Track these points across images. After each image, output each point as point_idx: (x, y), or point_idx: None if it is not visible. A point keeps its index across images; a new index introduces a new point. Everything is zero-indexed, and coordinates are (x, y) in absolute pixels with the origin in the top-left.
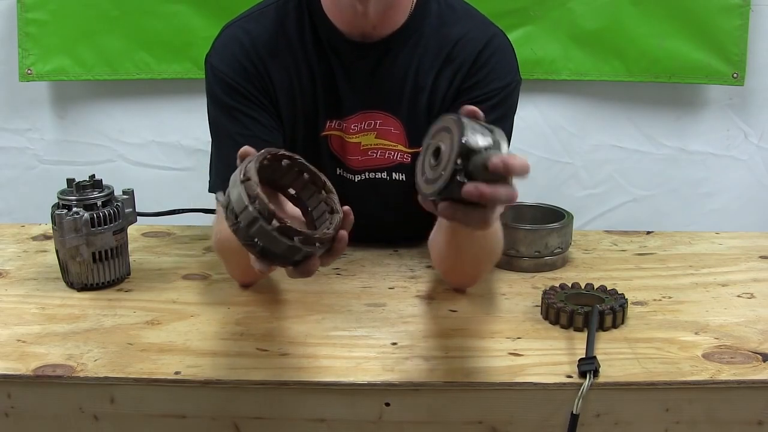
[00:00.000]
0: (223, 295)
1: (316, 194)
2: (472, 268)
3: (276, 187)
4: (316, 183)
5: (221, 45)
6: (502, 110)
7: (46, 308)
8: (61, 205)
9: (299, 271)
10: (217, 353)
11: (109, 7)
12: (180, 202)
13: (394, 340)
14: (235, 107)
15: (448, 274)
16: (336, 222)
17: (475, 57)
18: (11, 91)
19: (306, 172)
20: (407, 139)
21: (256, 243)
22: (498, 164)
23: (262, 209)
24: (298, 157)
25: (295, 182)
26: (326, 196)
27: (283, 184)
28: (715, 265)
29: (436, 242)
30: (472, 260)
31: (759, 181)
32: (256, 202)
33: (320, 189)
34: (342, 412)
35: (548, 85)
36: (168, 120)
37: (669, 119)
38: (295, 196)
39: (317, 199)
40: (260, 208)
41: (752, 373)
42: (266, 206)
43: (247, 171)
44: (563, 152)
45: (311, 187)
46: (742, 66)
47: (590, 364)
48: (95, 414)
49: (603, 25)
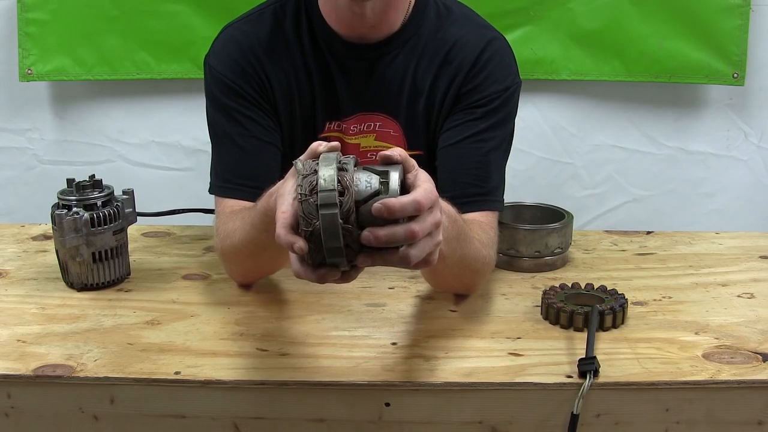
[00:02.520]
0: (223, 295)
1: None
2: (459, 282)
3: None
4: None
5: (220, 46)
6: (501, 114)
7: (46, 308)
8: (61, 205)
9: (344, 279)
10: (217, 353)
11: (109, 7)
12: (180, 202)
13: (394, 340)
14: (233, 108)
15: (439, 287)
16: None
17: (473, 61)
18: (11, 91)
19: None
20: (406, 142)
21: (313, 224)
22: (381, 210)
23: (348, 208)
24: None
25: None
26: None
27: None
28: (715, 265)
29: None
30: (454, 277)
31: (759, 181)
32: (344, 194)
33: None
34: (342, 412)
35: (548, 85)
36: (168, 120)
37: (669, 119)
38: None
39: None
40: (346, 207)
41: (752, 373)
42: (351, 206)
43: (346, 163)
44: (563, 152)
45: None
46: (742, 66)
47: (590, 364)
48: (95, 414)
49: (603, 25)
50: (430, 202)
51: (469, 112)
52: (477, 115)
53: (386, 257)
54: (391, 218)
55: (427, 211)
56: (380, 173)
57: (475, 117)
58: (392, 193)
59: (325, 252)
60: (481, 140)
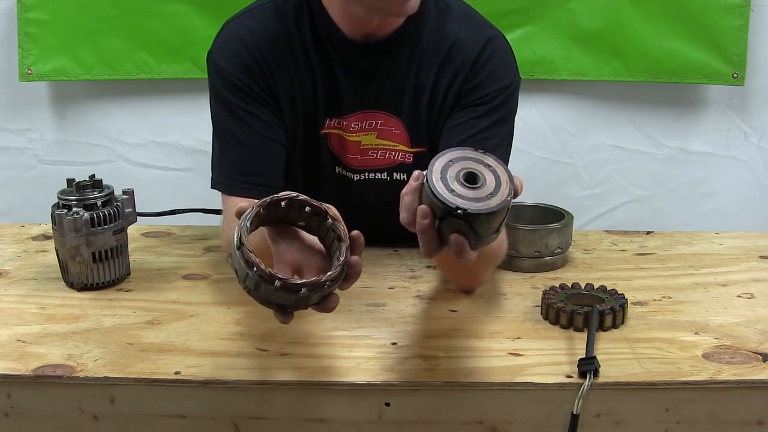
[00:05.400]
0: (223, 295)
1: (323, 223)
2: (475, 276)
3: (287, 223)
4: (318, 213)
5: (223, 42)
6: (503, 112)
7: (46, 308)
8: (61, 205)
9: (322, 309)
10: (217, 353)
11: (109, 7)
12: (180, 202)
13: (394, 340)
14: (237, 104)
15: (452, 276)
16: (344, 251)
17: (474, 59)
18: (11, 91)
19: (307, 205)
20: (409, 139)
21: (269, 301)
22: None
23: (262, 273)
24: (293, 194)
25: (301, 216)
26: (332, 223)
27: (291, 219)
28: (715, 265)
29: None
30: (473, 272)
31: (759, 181)
32: (254, 267)
33: (324, 218)
34: (342, 412)
35: (548, 85)
36: (168, 120)
37: (669, 119)
38: (306, 227)
39: (325, 228)
40: (259, 272)
41: (752, 373)
42: (264, 270)
43: (240, 236)
44: (563, 152)
45: (316, 218)
46: (742, 66)
47: (590, 364)
48: (95, 414)
49: (603, 25)
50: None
51: (471, 109)
52: (479, 113)
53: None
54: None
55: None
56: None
57: (478, 115)
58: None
59: (298, 305)
60: (484, 138)
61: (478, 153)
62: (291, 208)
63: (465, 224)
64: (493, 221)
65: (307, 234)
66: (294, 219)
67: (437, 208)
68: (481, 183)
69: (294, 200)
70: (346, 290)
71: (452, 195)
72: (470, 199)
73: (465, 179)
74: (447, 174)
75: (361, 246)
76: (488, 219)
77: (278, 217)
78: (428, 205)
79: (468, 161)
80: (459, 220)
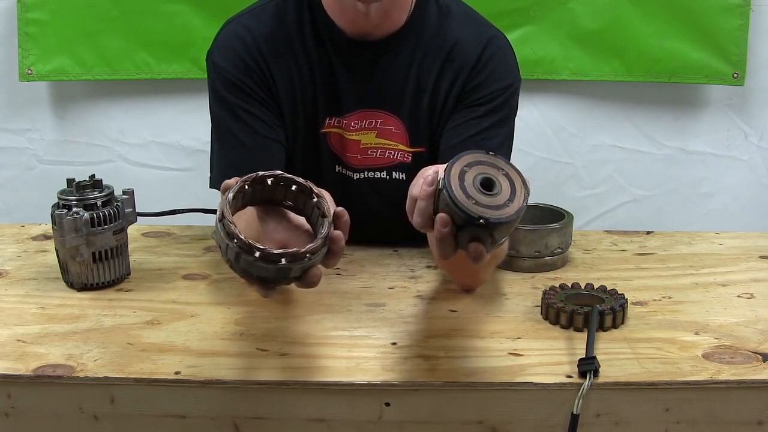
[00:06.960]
0: (223, 295)
1: (308, 201)
2: (479, 269)
3: (275, 203)
4: (304, 191)
5: (223, 41)
6: (504, 112)
7: (46, 308)
8: (61, 205)
9: (303, 284)
10: (217, 353)
11: (109, 7)
12: (180, 202)
13: (394, 340)
14: (236, 104)
15: (454, 275)
16: (326, 226)
17: (476, 59)
18: (11, 91)
19: (292, 183)
20: (409, 139)
21: (250, 273)
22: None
23: (242, 244)
24: (278, 172)
25: (287, 195)
26: (317, 201)
27: (278, 199)
28: (715, 265)
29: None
30: (478, 271)
31: (759, 181)
32: (234, 239)
33: (309, 196)
34: (342, 412)
35: (548, 85)
36: (168, 120)
37: (669, 119)
38: (293, 206)
39: (310, 206)
40: (239, 243)
41: (752, 373)
42: (243, 240)
43: (222, 209)
44: (563, 152)
45: (302, 196)
46: (742, 66)
47: (590, 364)
48: (95, 414)
49: (603, 25)
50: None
51: (473, 109)
52: (481, 112)
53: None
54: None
55: None
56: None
57: (479, 115)
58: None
59: (278, 278)
60: (485, 138)
61: (490, 156)
62: (278, 186)
63: (485, 232)
64: (510, 227)
65: (295, 215)
66: (281, 198)
67: (458, 216)
68: (497, 189)
69: (280, 177)
70: (330, 267)
71: (473, 204)
72: (489, 207)
73: (482, 186)
74: (464, 181)
75: (345, 223)
76: (508, 226)
77: (266, 196)
78: (447, 213)
79: (483, 166)
80: (479, 228)
